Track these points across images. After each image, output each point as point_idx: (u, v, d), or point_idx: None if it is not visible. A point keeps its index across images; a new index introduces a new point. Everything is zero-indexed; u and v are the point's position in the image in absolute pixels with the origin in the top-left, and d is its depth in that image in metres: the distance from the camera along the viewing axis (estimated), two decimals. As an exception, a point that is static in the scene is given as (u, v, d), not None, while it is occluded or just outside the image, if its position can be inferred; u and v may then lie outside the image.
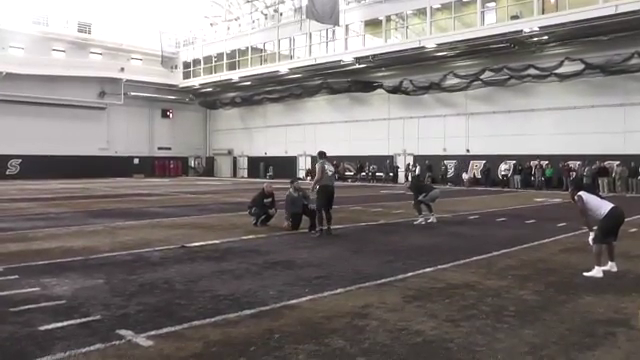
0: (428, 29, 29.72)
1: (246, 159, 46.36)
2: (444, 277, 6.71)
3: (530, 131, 28.39)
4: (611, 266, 6.94)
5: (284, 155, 41.85)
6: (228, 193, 23.98)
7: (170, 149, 47.08)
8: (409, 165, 33.51)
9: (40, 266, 7.24)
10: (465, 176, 30.57)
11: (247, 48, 40.34)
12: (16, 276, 6.53)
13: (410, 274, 6.85)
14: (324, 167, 10.66)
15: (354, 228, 11.74)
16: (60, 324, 4.66)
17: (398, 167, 34.30)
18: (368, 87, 35.03)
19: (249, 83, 41.41)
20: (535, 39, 26.67)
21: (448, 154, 32.16)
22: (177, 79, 45.95)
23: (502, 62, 28.33)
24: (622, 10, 22.38)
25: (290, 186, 11.54)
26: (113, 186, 29.60)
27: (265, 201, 11.88)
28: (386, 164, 34.60)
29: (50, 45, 40.87)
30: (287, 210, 11.25)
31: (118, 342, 4.23)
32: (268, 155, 43.57)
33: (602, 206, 6.86)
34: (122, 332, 4.45)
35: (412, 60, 31.43)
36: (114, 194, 23.13)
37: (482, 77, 29.12)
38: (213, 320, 4.84)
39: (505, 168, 28.77)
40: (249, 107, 44.49)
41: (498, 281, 6.50)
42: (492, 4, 28.79)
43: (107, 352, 4.02)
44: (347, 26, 33.96)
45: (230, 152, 47.73)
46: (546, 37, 26.27)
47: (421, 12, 30.58)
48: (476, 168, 30.92)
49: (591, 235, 6.90)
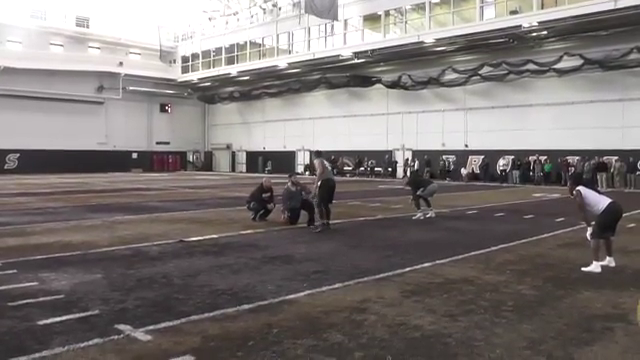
0: (427, 24, 29.66)
1: (244, 154, 46.33)
2: (442, 272, 6.72)
3: (529, 126, 28.41)
4: (609, 261, 6.96)
5: (282, 150, 41.80)
6: (226, 188, 23.97)
7: (169, 144, 47.01)
8: (408, 160, 33.52)
9: (38, 261, 7.24)
10: (464, 171, 30.57)
11: (246, 43, 40.25)
12: (14, 271, 6.53)
13: (408, 269, 6.86)
14: (323, 162, 10.68)
15: (352, 223, 11.74)
16: (58, 319, 4.66)
17: (397, 162, 34.32)
18: (367, 82, 34.99)
19: (248, 78, 41.34)
20: (534, 34, 26.64)
21: (447, 149, 32.16)
22: (175, 74, 45.85)
23: (501, 57, 28.30)
24: (621, 5, 22.36)
25: (288, 180, 11.55)
26: (111, 181, 29.56)
27: (264, 196, 11.88)
28: (385, 159, 34.61)
29: (48, 39, 40.75)
30: (284, 204, 11.26)
31: (116, 337, 4.23)
32: (266, 150, 43.54)
33: (600, 201, 6.87)
34: (120, 327, 4.46)
35: (411, 55, 31.40)
36: (112, 189, 23.09)
37: (481, 72, 29.13)
38: (211, 315, 4.84)
39: (504, 163, 28.78)
40: (247, 102, 44.43)
41: (496, 276, 6.52)
42: (491, -1, 28.73)
43: (105, 347, 4.02)
44: (346, 21, 33.89)
45: (228, 147, 47.68)
46: (545, 32, 26.23)
47: (420, 7, 30.48)
48: (475, 163, 30.93)
49: (589, 230, 6.92)
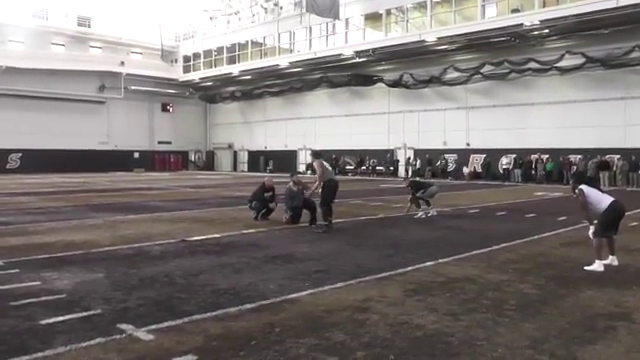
0: (428, 23, 29.63)
1: (246, 153, 46.35)
2: (444, 271, 6.71)
3: (530, 125, 28.37)
4: (612, 260, 6.94)
5: (284, 149, 41.81)
6: (228, 187, 23.97)
7: (170, 143, 47.05)
8: (409, 159, 33.50)
9: (41, 260, 7.24)
10: (465, 170, 30.54)
11: (247, 42, 40.25)
12: (17, 270, 6.54)
13: (410, 268, 6.85)
14: (323, 163, 10.66)
15: (354, 222, 11.74)
16: (61, 318, 4.66)
17: (398, 161, 34.30)
18: (368, 81, 34.98)
19: (249, 77, 41.35)
20: (536, 33, 26.60)
21: (448, 148, 32.13)
22: (177, 73, 45.89)
23: (502, 56, 28.27)
24: (623, 3, 22.32)
25: (290, 180, 11.55)
26: (113, 180, 29.59)
27: (265, 195, 11.88)
28: (386, 158, 34.59)
29: (50, 39, 40.83)
30: (286, 204, 11.26)
31: (119, 336, 4.23)
32: (268, 149, 43.56)
33: (603, 200, 6.85)
34: (123, 326, 4.46)
35: (412, 54, 31.36)
36: (114, 188, 23.11)
37: (482, 71, 29.10)
38: (214, 314, 4.84)
39: (506, 162, 28.74)
40: (249, 101, 44.43)
41: (499, 275, 6.51)
42: (493, -3, 28.68)
43: (108, 346, 4.02)
44: (347, 20, 33.88)
45: (230, 146, 47.70)
46: (547, 30, 26.20)
47: (421, 5, 30.46)
48: (476, 162, 30.90)
49: (591, 229, 6.91)
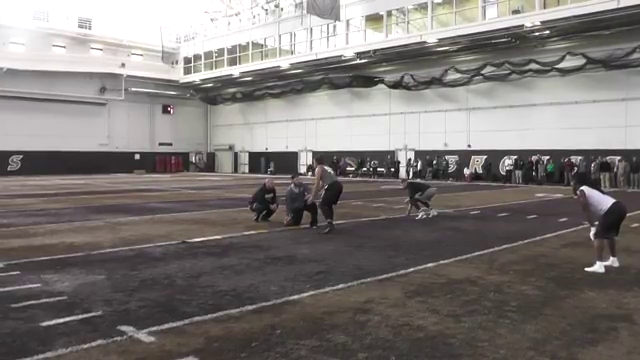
0: (429, 24, 29.63)
1: (247, 154, 46.37)
2: (446, 272, 6.70)
3: (531, 126, 28.34)
4: (613, 261, 6.93)
5: (285, 150, 41.82)
6: (229, 188, 23.98)
7: (171, 145, 47.06)
8: (410, 160, 33.49)
9: (41, 262, 7.24)
10: (466, 171, 30.53)
11: (248, 43, 40.28)
12: (17, 272, 6.54)
13: (412, 269, 6.85)
14: (324, 169, 10.64)
15: (355, 223, 11.73)
16: (61, 320, 4.66)
17: (399, 162, 34.29)
18: (369, 82, 34.98)
19: (250, 78, 41.37)
20: (537, 34, 26.59)
21: (449, 149, 32.12)
22: (178, 75, 45.91)
23: (503, 57, 28.25)
24: (624, 4, 22.31)
25: (291, 181, 11.54)
26: (114, 182, 29.61)
27: (266, 196, 11.87)
28: (387, 159, 34.58)
29: (50, 41, 40.85)
30: (288, 206, 11.25)
31: (119, 338, 4.23)
32: (269, 150, 43.58)
33: (604, 201, 6.84)
34: (123, 328, 4.45)
35: (413, 55, 31.39)
36: (115, 190, 23.12)
37: (483, 72, 29.08)
38: (215, 316, 4.84)
39: (509, 163, 28.69)
40: (250, 102, 44.46)
41: (500, 276, 6.50)
42: (493, -2, 28.68)
43: (109, 348, 4.02)
44: (348, 21, 33.89)
45: (231, 147, 47.72)
46: (548, 32, 26.18)
47: (422, 7, 30.47)
48: (477, 163, 30.89)
49: (592, 230, 6.90)
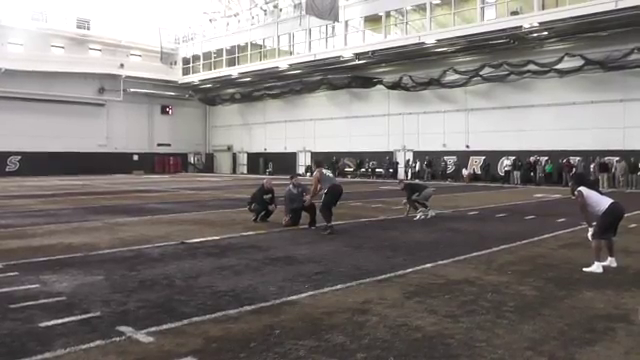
0: (428, 25, 29.67)
1: (246, 155, 46.36)
2: (444, 273, 6.71)
3: (530, 127, 28.40)
4: (610, 261, 6.95)
5: (284, 151, 41.83)
6: (228, 189, 23.97)
7: (170, 145, 47.05)
8: (409, 161, 33.51)
9: (40, 263, 7.24)
10: (465, 172, 30.56)
11: (246, 44, 40.29)
12: (16, 273, 6.54)
13: (410, 270, 6.86)
14: (322, 173, 10.63)
15: (354, 224, 11.73)
16: (60, 320, 4.66)
17: (398, 163, 34.30)
18: (368, 83, 35.01)
19: (249, 79, 41.37)
20: (535, 35, 26.64)
21: (448, 150, 32.15)
22: (176, 75, 45.90)
23: (502, 58, 28.31)
24: (622, 6, 22.37)
25: (290, 182, 11.55)
26: (113, 182, 29.58)
27: (265, 197, 11.87)
28: (386, 160, 34.60)
29: (49, 41, 40.84)
30: (286, 206, 11.25)
31: (118, 338, 4.23)
32: (268, 151, 43.59)
33: (602, 202, 6.86)
34: (122, 328, 4.45)
35: (412, 56, 31.42)
36: (114, 190, 23.10)
37: (482, 73, 29.13)
38: (213, 316, 4.84)
39: (507, 164, 28.73)
40: (249, 103, 44.46)
41: (498, 277, 6.51)
42: (492, 0, 28.72)
43: (107, 348, 4.02)
44: (347, 22, 33.91)
45: (230, 148, 47.71)
46: (546, 33, 26.22)
47: (421, 8, 30.50)
48: (476, 164, 30.93)
49: (590, 231, 6.91)
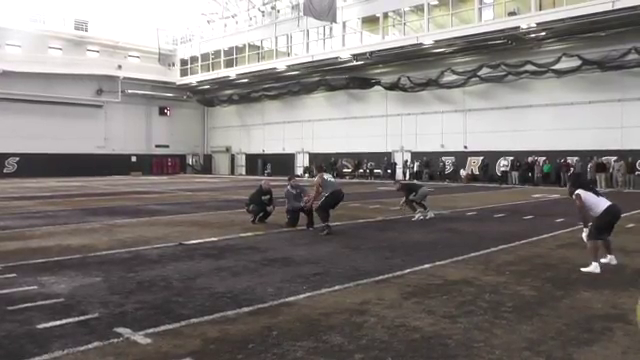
0: (425, 26, 29.70)
1: (244, 156, 46.34)
2: (442, 273, 6.72)
3: (528, 127, 28.43)
4: (610, 259, 7.00)
5: (282, 152, 41.83)
6: (226, 190, 23.96)
7: (168, 147, 47.01)
8: (407, 162, 33.53)
9: (38, 264, 7.23)
10: (463, 172, 30.58)
11: (244, 45, 40.30)
12: (14, 274, 6.52)
13: (408, 270, 6.86)
14: (324, 178, 10.63)
15: (352, 225, 11.74)
16: (58, 322, 4.65)
17: (396, 164, 34.31)
18: (366, 84, 35.02)
19: (247, 80, 41.37)
20: (532, 35, 26.68)
21: (446, 150, 32.17)
22: (174, 76, 45.89)
23: (499, 58, 28.35)
24: (619, 6, 22.42)
25: (288, 183, 11.55)
26: (111, 184, 29.53)
27: (263, 198, 11.87)
28: (384, 161, 34.61)
29: (47, 43, 40.77)
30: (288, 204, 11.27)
31: (116, 340, 4.23)
32: (266, 152, 43.56)
33: (599, 204, 6.88)
34: (120, 330, 4.45)
35: (410, 57, 31.44)
36: (112, 192, 23.07)
37: (479, 73, 29.16)
38: (211, 317, 4.84)
39: (504, 164, 28.77)
40: (247, 104, 44.45)
41: (496, 277, 6.52)
42: (489, 0, 28.75)
43: (105, 350, 4.02)
44: (344, 23, 33.92)
45: (228, 149, 47.69)
46: (543, 33, 26.28)
47: (418, 9, 30.55)
48: (474, 164, 30.95)
49: (585, 231, 6.94)
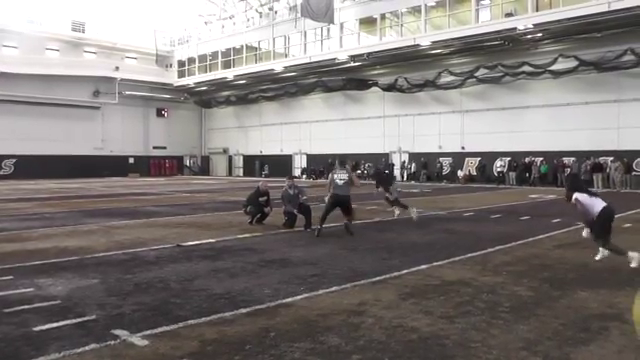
0: (423, 27, 29.74)
1: (241, 158, 46.34)
2: (439, 274, 6.73)
3: (525, 128, 28.50)
4: (601, 254, 7.28)
5: (280, 153, 41.83)
6: (223, 192, 23.94)
7: (165, 148, 46.97)
8: (404, 163, 33.55)
9: (35, 266, 7.22)
10: (460, 173, 30.63)
11: (242, 46, 40.30)
12: (10, 277, 6.51)
13: (405, 271, 6.87)
14: (332, 178, 10.65)
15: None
16: (55, 324, 4.65)
17: (393, 165, 34.31)
18: (363, 85, 35.05)
19: (244, 82, 41.37)
20: (529, 36, 26.74)
21: (443, 151, 32.21)
22: (172, 78, 45.86)
23: (496, 59, 28.40)
24: (615, 7, 22.50)
25: (285, 183, 11.55)
26: (108, 186, 29.50)
27: (260, 199, 11.87)
28: (382, 162, 34.61)
29: (44, 44, 40.74)
30: (285, 206, 11.27)
31: (113, 342, 4.22)
32: (264, 153, 43.56)
33: (595, 205, 7.11)
34: (117, 332, 4.45)
35: (407, 58, 31.47)
36: (109, 194, 23.05)
37: (477, 74, 29.22)
38: (209, 319, 4.84)
39: (501, 164, 28.81)
40: (244, 106, 44.46)
41: (493, 277, 6.53)
42: (486, 1, 28.84)
43: (102, 352, 4.01)
44: (342, 24, 33.96)
45: (225, 151, 47.67)
46: (540, 34, 26.35)
47: (416, 10, 30.60)
48: (471, 165, 31.00)
49: (586, 231, 7.31)
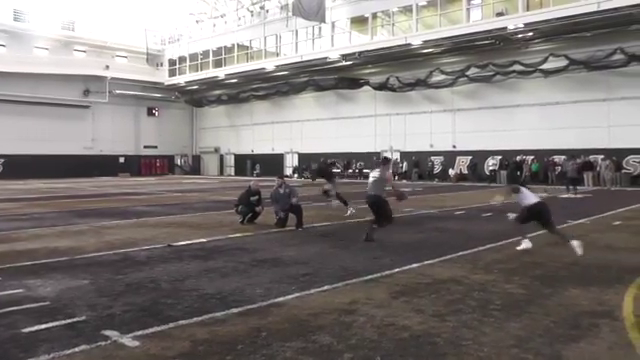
0: (414, 26, 29.81)
1: (233, 157, 46.22)
2: (431, 272, 6.75)
3: (515, 126, 28.66)
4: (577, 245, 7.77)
5: (271, 153, 41.77)
6: (215, 191, 23.88)
7: (156, 147, 46.73)
8: (396, 160, 33.59)
9: (24, 267, 7.15)
10: (452, 172, 30.73)
11: (233, 45, 40.19)
12: (-1, 277, 6.45)
13: (397, 270, 6.88)
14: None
15: (341, 225, 11.76)
16: (44, 326, 4.61)
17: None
18: (354, 84, 35.08)
19: (235, 80, 41.27)
20: (520, 36, 26.91)
21: (435, 150, 32.32)
22: (163, 77, 45.62)
23: (487, 58, 28.53)
24: (604, 7, 22.69)
25: (276, 183, 11.53)
26: (98, 185, 29.31)
27: (252, 199, 11.85)
28: (373, 161, 34.66)
29: (33, 42, 40.32)
30: (275, 207, 11.26)
31: (104, 343, 4.19)
32: (255, 153, 43.47)
33: (530, 198, 8.12)
34: (108, 333, 4.42)
35: (398, 57, 31.54)
36: (99, 193, 22.91)
37: (468, 73, 29.34)
38: (200, 319, 4.82)
39: (493, 163, 28.94)
40: (235, 105, 44.33)
41: (484, 275, 6.56)
42: (477, 1, 28.93)
43: (92, 353, 3.98)
44: (333, 23, 33.95)
45: (217, 150, 47.52)
46: (531, 34, 26.51)
47: (407, 9, 30.65)
48: (462, 164, 31.13)
49: (511, 215, 8.81)
